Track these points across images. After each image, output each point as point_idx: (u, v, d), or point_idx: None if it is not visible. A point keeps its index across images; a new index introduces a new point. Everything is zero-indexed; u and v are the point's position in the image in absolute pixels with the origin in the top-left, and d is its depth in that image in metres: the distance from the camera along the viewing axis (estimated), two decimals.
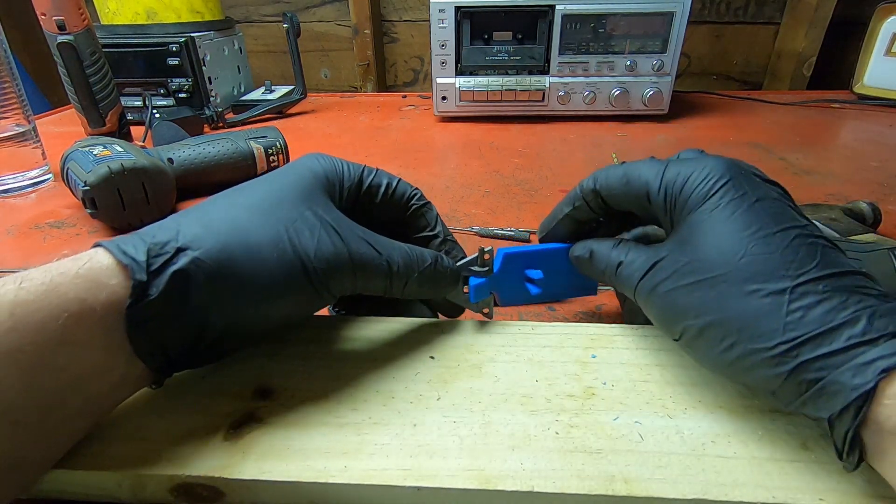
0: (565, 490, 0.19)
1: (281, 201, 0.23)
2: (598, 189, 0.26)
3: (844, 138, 0.74)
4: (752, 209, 0.21)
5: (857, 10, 0.97)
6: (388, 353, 0.27)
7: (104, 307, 0.19)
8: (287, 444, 0.21)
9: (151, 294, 0.19)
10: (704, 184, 0.22)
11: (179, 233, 0.21)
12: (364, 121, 0.87)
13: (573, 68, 0.78)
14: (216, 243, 0.21)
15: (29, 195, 0.58)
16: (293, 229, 0.22)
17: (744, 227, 0.20)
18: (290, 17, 0.83)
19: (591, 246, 0.27)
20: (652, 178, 0.23)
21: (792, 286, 0.19)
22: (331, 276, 0.23)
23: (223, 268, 0.21)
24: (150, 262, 0.19)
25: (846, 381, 0.17)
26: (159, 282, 0.19)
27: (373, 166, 0.28)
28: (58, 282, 0.18)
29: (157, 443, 0.21)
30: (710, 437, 0.21)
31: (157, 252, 0.20)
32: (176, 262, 0.20)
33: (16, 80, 0.56)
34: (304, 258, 0.22)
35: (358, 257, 0.23)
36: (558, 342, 0.27)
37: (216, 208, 0.23)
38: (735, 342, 0.19)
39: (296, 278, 0.22)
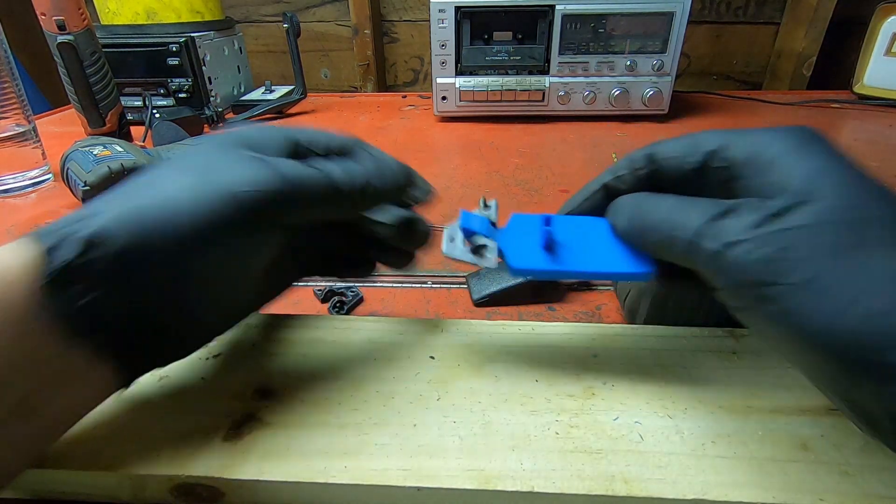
0: (565, 490, 0.19)
1: (192, 154, 0.22)
2: (654, 152, 0.22)
3: (844, 138, 0.74)
4: (854, 170, 0.18)
5: (857, 10, 0.97)
6: (388, 353, 0.27)
7: (26, 277, 0.17)
8: (287, 445, 0.21)
9: (67, 257, 0.17)
10: (800, 136, 0.19)
11: (90, 205, 0.20)
12: (364, 121, 0.87)
13: (573, 68, 0.78)
14: (126, 204, 0.19)
15: (29, 195, 0.58)
16: (209, 169, 0.20)
17: (850, 183, 0.17)
18: (290, 17, 0.83)
19: (645, 193, 0.22)
20: (729, 135, 0.20)
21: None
22: (265, 200, 0.20)
23: (136, 219, 0.19)
24: (61, 232, 0.18)
25: None
26: (72, 247, 0.18)
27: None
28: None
29: (157, 443, 0.21)
30: (710, 437, 0.21)
31: (67, 223, 0.18)
32: (88, 227, 0.18)
33: (16, 80, 0.56)
34: (226, 192, 0.19)
35: (292, 173, 0.21)
36: (558, 342, 0.27)
37: (128, 182, 0.21)
38: (854, 300, 0.15)
39: (223, 214, 0.19)
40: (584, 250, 0.23)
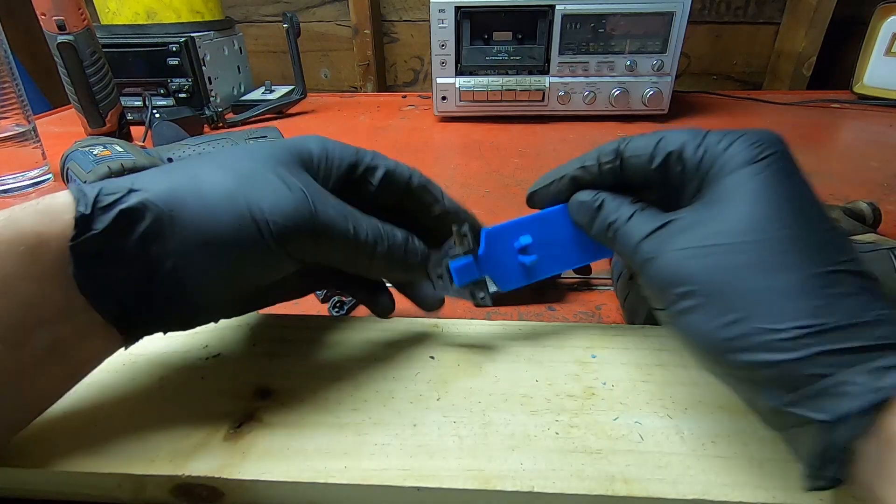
0: (565, 490, 0.19)
1: (247, 158, 0.23)
2: (623, 149, 0.23)
3: (844, 138, 0.74)
4: (798, 188, 0.19)
5: (857, 10, 0.97)
6: (388, 353, 0.27)
7: (58, 241, 0.19)
8: (287, 445, 0.21)
9: (96, 228, 0.19)
10: (754, 147, 0.20)
11: (138, 178, 0.21)
12: (364, 121, 0.87)
13: (573, 68, 0.78)
14: (169, 187, 0.21)
15: (29, 195, 0.58)
16: (251, 183, 0.21)
17: (785, 202, 0.18)
18: (290, 17, 0.83)
19: (603, 195, 0.24)
20: (690, 137, 0.21)
21: (826, 271, 0.17)
22: (288, 236, 0.21)
23: (173, 211, 0.20)
24: (99, 199, 0.19)
25: (862, 383, 0.15)
26: (105, 217, 0.19)
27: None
28: (17, 216, 0.19)
29: (157, 443, 0.21)
30: (710, 437, 0.21)
31: (110, 191, 0.20)
32: (125, 202, 0.20)
33: (16, 80, 0.56)
34: (257, 212, 0.21)
35: (324, 217, 0.22)
36: (558, 342, 0.27)
37: (182, 163, 0.23)
38: (739, 318, 0.17)
39: (246, 231, 0.21)
40: (554, 249, 0.26)
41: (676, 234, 0.20)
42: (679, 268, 0.19)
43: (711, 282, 0.18)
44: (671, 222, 0.21)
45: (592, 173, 0.24)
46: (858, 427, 0.15)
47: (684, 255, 0.19)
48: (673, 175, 0.22)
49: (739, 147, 0.20)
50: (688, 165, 0.21)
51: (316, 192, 0.22)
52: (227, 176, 0.21)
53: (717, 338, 0.18)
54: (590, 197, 0.24)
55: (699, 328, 0.19)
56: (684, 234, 0.20)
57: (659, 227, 0.21)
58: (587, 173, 0.24)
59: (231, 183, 0.21)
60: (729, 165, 0.20)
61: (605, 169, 0.24)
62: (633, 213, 0.22)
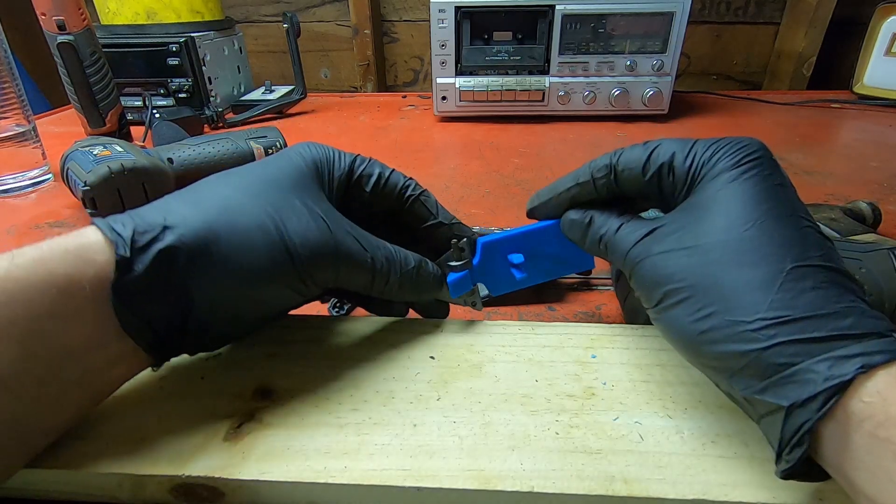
0: (565, 490, 0.19)
1: (272, 186, 0.23)
2: (615, 163, 0.24)
3: (844, 138, 0.74)
4: (774, 189, 0.20)
5: (857, 10, 0.97)
6: (388, 353, 0.27)
7: (92, 282, 0.19)
8: (287, 445, 0.21)
9: (136, 270, 0.19)
10: (736, 154, 0.21)
11: (168, 211, 0.21)
12: (364, 121, 0.87)
13: (573, 68, 0.78)
14: (203, 222, 0.21)
15: (29, 195, 0.58)
16: (281, 215, 0.22)
17: (760, 202, 0.19)
18: (290, 17, 0.83)
19: (592, 212, 0.25)
20: (679, 147, 0.22)
21: (792, 266, 0.18)
22: (315, 265, 0.23)
23: (208, 246, 0.21)
24: (135, 239, 0.20)
25: (821, 371, 0.16)
26: (144, 258, 0.20)
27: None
28: (47, 257, 0.19)
29: (157, 443, 0.21)
30: (710, 437, 0.21)
31: (144, 229, 0.20)
32: (161, 240, 0.20)
33: (16, 80, 0.56)
34: (290, 244, 0.22)
35: (344, 248, 0.23)
36: (558, 342, 0.27)
37: (208, 188, 0.23)
38: (714, 312, 0.18)
39: (280, 263, 0.22)
40: (544, 260, 0.29)
41: (661, 238, 0.21)
42: (662, 268, 0.20)
43: (690, 280, 0.19)
44: (657, 229, 0.22)
45: (587, 188, 0.25)
46: (817, 411, 0.16)
47: (666, 257, 0.20)
48: (665, 185, 0.23)
49: (723, 154, 0.21)
50: (678, 175, 0.22)
51: (335, 220, 0.24)
52: (257, 207, 0.22)
53: (693, 331, 0.19)
54: (579, 215, 0.26)
55: (678, 322, 0.20)
56: (668, 237, 0.21)
57: (646, 235, 0.22)
58: (582, 189, 0.25)
59: (262, 215, 0.22)
60: (712, 172, 0.21)
61: (600, 184, 0.25)
62: (620, 224, 0.24)
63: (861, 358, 0.16)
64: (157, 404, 0.24)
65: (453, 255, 0.28)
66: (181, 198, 0.23)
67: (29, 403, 0.19)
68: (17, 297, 0.18)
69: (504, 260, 0.29)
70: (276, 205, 0.23)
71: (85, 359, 0.20)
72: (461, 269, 0.28)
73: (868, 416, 0.15)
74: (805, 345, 0.17)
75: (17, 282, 0.18)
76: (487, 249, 0.28)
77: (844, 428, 0.16)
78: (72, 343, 0.19)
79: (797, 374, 0.16)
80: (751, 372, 0.17)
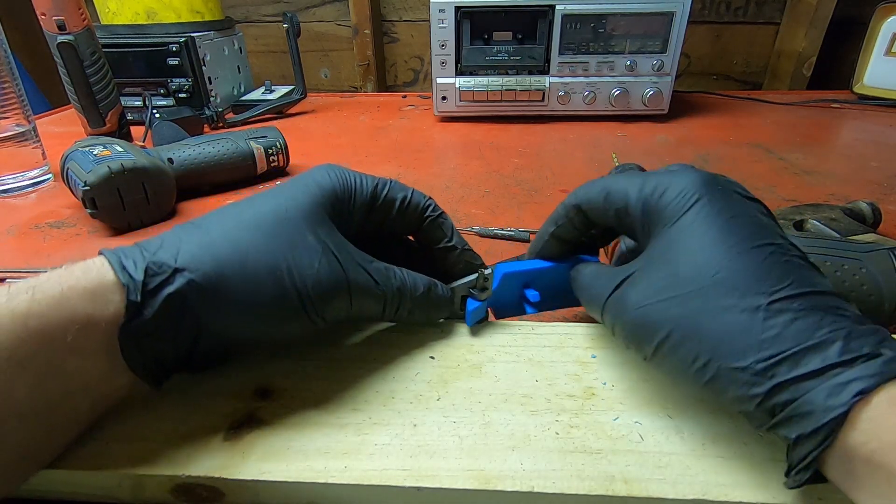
0: (565, 490, 0.19)
1: (285, 220, 0.23)
2: (579, 203, 0.25)
3: (844, 138, 0.74)
4: (728, 224, 0.20)
5: (857, 10, 0.97)
6: (388, 353, 0.27)
7: (108, 322, 0.19)
8: (287, 445, 0.21)
9: (146, 314, 0.20)
10: (681, 197, 0.21)
11: (179, 251, 0.21)
12: (364, 121, 0.87)
13: (573, 68, 0.78)
14: (213, 266, 0.21)
15: (29, 195, 0.58)
16: (293, 256, 0.22)
17: (719, 242, 0.20)
18: (290, 17, 0.83)
19: (579, 267, 0.27)
20: (631, 190, 0.23)
21: (766, 303, 0.18)
22: (326, 305, 0.23)
23: (218, 291, 0.21)
24: (146, 282, 0.20)
25: (819, 402, 0.16)
26: (154, 302, 0.20)
27: (373, 167, 0.28)
28: (68, 296, 0.19)
29: (157, 443, 0.21)
30: (710, 437, 0.21)
31: (155, 271, 0.20)
32: (172, 283, 0.20)
33: (16, 80, 0.56)
34: (301, 288, 0.22)
35: (356, 286, 0.24)
36: (558, 342, 0.27)
37: (220, 225, 0.23)
38: (710, 360, 0.19)
39: (290, 306, 0.22)
40: (552, 296, 0.29)
41: (634, 290, 0.22)
42: (647, 321, 0.21)
43: (678, 331, 0.20)
44: (627, 279, 0.22)
45: (567, 229, 0.27)
46: (820, 443, 0.16)
47: (645, 311, 0.21)
48: (626, 225, 0.24)
49: (670, 197, 0.22)
50: (634, 218, 0.23)
51: (346, 255, 0.24)
52: (269, 247, 0.22)
53: (698, 380, 0.19)
54: (574, 273, 0.27)
55: (680, 373, 0.20)
56: (641, 289, 0.21)
57: (617, 286, 0.23)
58: (564, 230, 0.27)
59: (273, 256, 0.22)
60: (664, 217, 0.22)
61: (576, 222, 0.26)
62: (594, 274, 0.25)
63: (856, 384, 0.16)
64: (156, 404, 0.24)
65: (478, 283, 0.28)
66: (192, 235, 0.22)
67: (40, 431, 0.19)
68: (39, 334, 0.18)
69: (519, 290, 0.29)
70: (288, 242, 0.22)
71: (95, 391, 0.20)
72: (483, 300, 0.28)
73: (863, 442, 0.16)
74: (802, 381, 0.17)
75: (39, 318, 0.18)
76: (507, 279, 0.28)
77: (845, 453, 0.16)
78: (86, 377, 0.20)
79: (799, 408, 0.17)
80: (761, 410, 0.18)
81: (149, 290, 0.20)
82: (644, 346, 0.21)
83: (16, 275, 0.41)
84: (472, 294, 0.28)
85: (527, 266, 0.28)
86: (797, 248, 0.20)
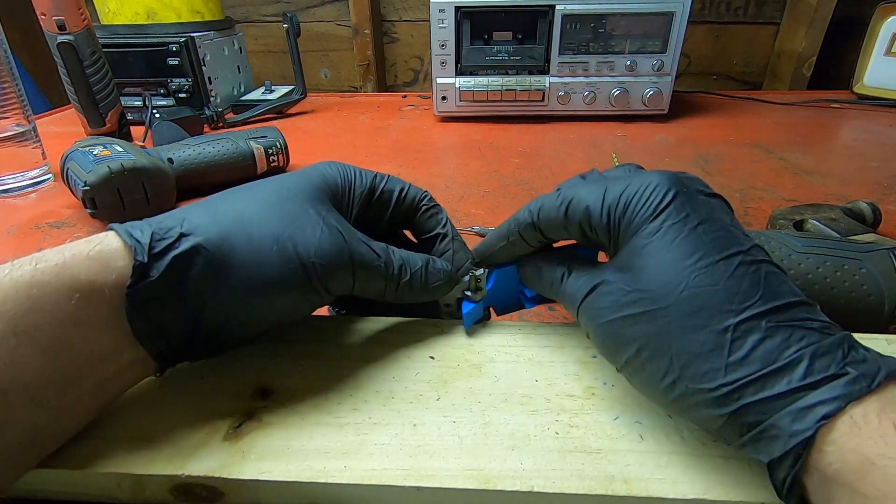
0: (565, 490, 0.19)
1: (288, 198, 0.24)
2: (537, 223, 0.24)
3: (844, 138, 0.74)
4: (695, 234, 0.19)
5: (857, 10, 0.97)
6: (388, 353, 0.27)
7: (112, 289, 0.19)
8: (287, 444, 0.21)
9: (152, 276, 0.20)
10: (648, 205, 0.20)
11: (185, 220, 0.22)
12: (364, 121, 0.87)
13: (573, 68, 0.78)
14: (219, 232, 0.21)
15: (29, 195, 0.58)
16: (296, 226, 0.23)
17: (686, 256, 0.19)
18: (290, 17, 0.83)
19: (540, 263, 0.25)
20: (593, 201, 0.22)
21: (735, 323, 0.18)
22: (330, 275, 0.23)
23: (223, 256, 0.21)
24: (152, 245, 0.20)
25: (785, 427, 0.16)
26: (160, 264, 0.20)
27: (373, 167, 0.28)
28: (70, 263, 0.19)
29: (156, 443, 0.21)
30: (710, 436, 0.21)
31: (161, 236, 0.20)
32: (178, 247, 0.20)
33: (16, 80, 0.56)
34: (304, 255, 0.22)
35: (358, 257, 0.24)
36: (558, 342, 0.27)
37: (224, 200, 0.24)
38: (677, 379, 0.18)
39: (294, 274, 0.22)
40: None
41: (604, 300, 0.21)
42: (616, 335, 0.21)
43: (647, 347, 0.19)
44: (598, 286, 0.22)
45: (520, 245, 0.25)
46: (791, 467, 0.16)
47: (615, 325, 0.20)
48: (590, 238, 0.23)
49: (637, 206, 0.21)
50: (599, 231, 0.22)
51: (348, 230, 0.24)
52: (273, 218, 0.23)
53: (666, 398, 0.19)
54: (529, 267, 0.26)
55: (649, 388, 0.20)
56: (611, 300, 0.21)
57: (589, 292, 0.22)
58: (515, 246, 0.26)
59: (277, 226, 0.22)
60: (631, 227, 0.21)
61: (530, 239, 0.25)
62: (562, 275, 0.24)
63: (820, 408, 0.16)
64: (156, 404, 0.24)
65: (470, 285, 0.28)
66: (198, 208, 0.23)
67: (48, 411, 0.19)
68: (42, 303, 0.18)
69: (515, 286, 0.29)
70: (291, 215, 0.23)
71: (101, 368, 0.20)
72: (477, 300, 0.28)
73: (829, 463, 0.16)
74: (768, 403, 0.17)
75: (43, 287, 0.18)
76: (501, 276, 0.28)
77: (819, 475, 0.16)
78: (92, 351, 0.19)
79: (767, 431, 0.17)
80: (729, 430, 0.18)
81: (155, 252, 0.20)
82: (614, 358, 0.21)
83: None
84: (467, 296, 0.28)
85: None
86: (761, 250, 0.20)
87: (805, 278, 0.29)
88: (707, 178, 0.58)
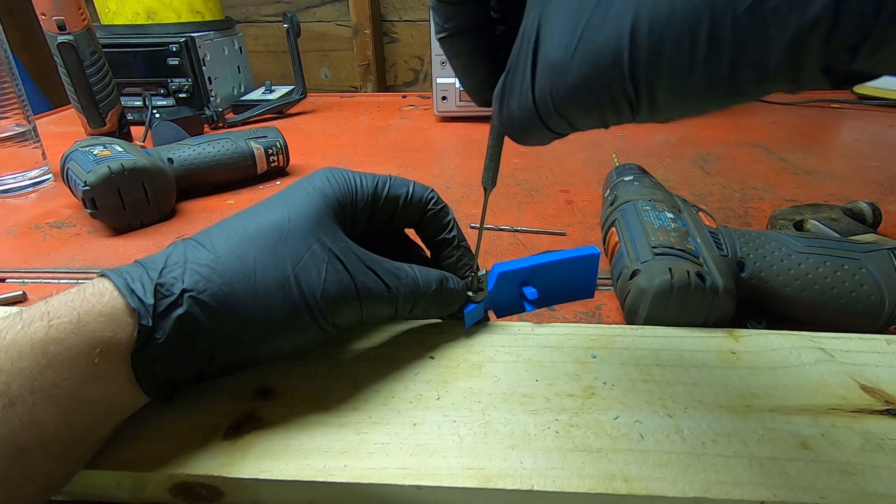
0: (565, 489, 0.19)
1: (290, 232, 0.23)
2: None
3: (844, 138, 0.74)
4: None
5: None
6: (388, 353, 0.27)
7: (126, 344, 0.19)
8: (287, 444, 0.21)
9: (157, 338, 0.20)
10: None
11: (186, 272, 0.21)
12: (364, 121, 0.87)
13: None
14: (222, 285, 0.21)
15: (29, 195, 0.58)
16: (300, 267, 0.22)
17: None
18: (290, 17, 0.83)
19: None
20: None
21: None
22: (337, 314, 0.23)
23: (228, 310, 0.21)
24: (157, 305, 0.20)
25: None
26: (165, 325, 0.20)
27: (373, 167, 0.28)
28: (85, 320, 0.19)
29: (156, 443, 0.21)
30: (710, 436, 0.21)
31: (164, 294, 0.20)
32: (181, 305, 0.20)
33: (16, 80, 0.56)
34: (310, 299, 0.22)
35: (365, 291, 0.23)
36: (558, 342, 0.27)
37: (225, 241, 0.22)
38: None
39: (300, 318, 0.22)
40: (550, 290, 0.29)
41: (551, 46, 0.14)
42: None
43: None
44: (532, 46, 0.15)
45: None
46: None
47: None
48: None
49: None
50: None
51: (353, 261, 0.23)
52: (276, 261, 0.22)
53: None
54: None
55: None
56: (559, 36, 0.14)
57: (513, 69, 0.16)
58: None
59: (281, 270, 0.22)
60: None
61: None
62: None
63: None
64: (156, 403, 0.23)
65: (472, 286, 0.28)
66: (198, 253, 0.22)
67: (63, 464, 0.19)
68: (59, 361, 0.18)
69: (517, 288, 0.29)
70: (295, 255, 0.22)
71: (116, 418, 0.21)
72: (479, 301, 0.28)
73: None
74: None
75: (59, 344, 0.18)
76: (503, 278, 0.28)
77: None
78: (110, 405, 0.20)
79: None
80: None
81: (159, 312, 0.20)
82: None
83: (16, 275, 0.41)
84: (468, 297, 0.28)
85: (523, 264, 0.28)
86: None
87: (805, 278, 0.29)
88: (707, 178, 0.58)
